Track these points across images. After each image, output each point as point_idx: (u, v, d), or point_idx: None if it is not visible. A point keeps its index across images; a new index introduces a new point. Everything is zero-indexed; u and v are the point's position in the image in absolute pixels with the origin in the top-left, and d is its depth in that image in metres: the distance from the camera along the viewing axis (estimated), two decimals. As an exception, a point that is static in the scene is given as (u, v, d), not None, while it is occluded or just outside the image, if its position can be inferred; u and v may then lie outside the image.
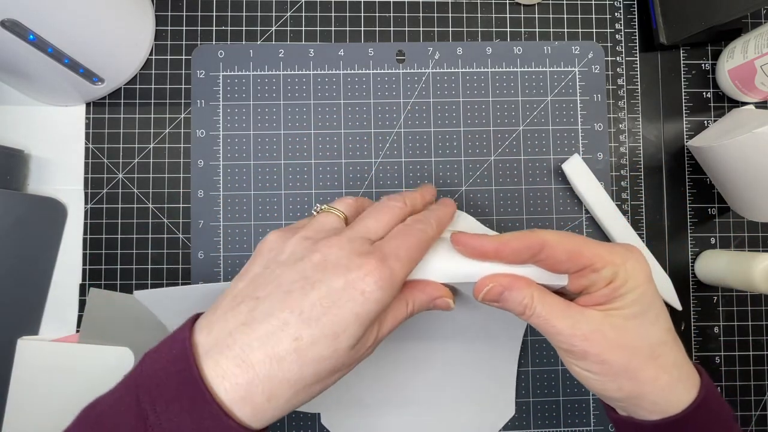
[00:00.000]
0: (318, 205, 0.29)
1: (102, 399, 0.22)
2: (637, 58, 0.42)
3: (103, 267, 0.39)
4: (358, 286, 0.22)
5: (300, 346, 0.21)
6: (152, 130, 0.40)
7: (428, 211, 0.28)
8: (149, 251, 0.39)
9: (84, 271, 0.39)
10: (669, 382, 0.23)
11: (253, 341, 0.21)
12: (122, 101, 0.40)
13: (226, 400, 0.20)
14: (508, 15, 0.42)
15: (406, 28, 0.41)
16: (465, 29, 0.42)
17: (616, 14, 0.42)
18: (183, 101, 0.40)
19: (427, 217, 0.27)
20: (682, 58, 0.42)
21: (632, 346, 0.23)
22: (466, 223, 0.32)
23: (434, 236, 0.26)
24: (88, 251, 0.39)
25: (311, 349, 0.21)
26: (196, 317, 0.23)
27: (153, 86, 0.40)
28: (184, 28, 0.41)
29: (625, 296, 0.23)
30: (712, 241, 0.41)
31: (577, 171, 0.39)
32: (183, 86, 0.40)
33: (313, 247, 0.23)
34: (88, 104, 0.40)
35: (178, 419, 0.20)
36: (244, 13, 0.41)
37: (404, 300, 0.25)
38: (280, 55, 0.41)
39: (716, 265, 0.39)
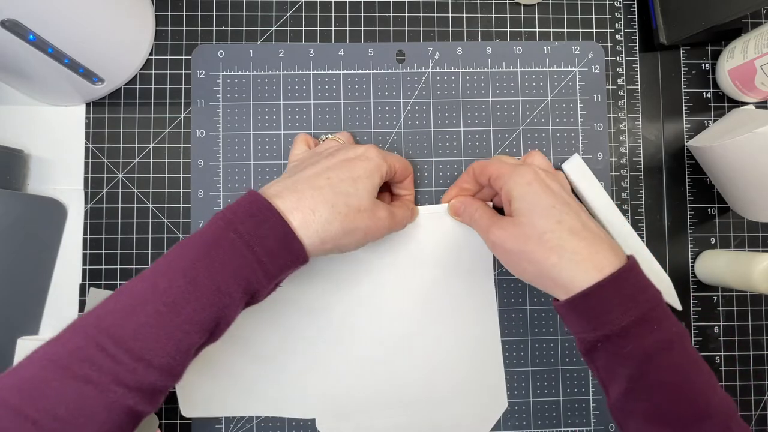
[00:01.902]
0: (324, 135, 0.39)
1: (197, 236, 0.29)
2: (637, 58, 0.42)
3: (103, 267, 0.39)
4: (364, 153, 0.33)
5: (332, 182, 0.31)
6: (152, 130, 0.40)
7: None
8: (149, 251, 0.39)
9: (84, 271, 0.39)
10: (560, 262, 0.29)
11: (300, 182, 0.31)
12: (122, 101, 0.40)
13: (284, 209, 0.29)
14: (508, 15, 0.42)
15: (406, 28, 0.41)
16: (465, 29, 0.42)
17: (616, 14, 0.42)
18: (183, 101, 0.40)
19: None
20: (682, 58, 0.42)
21: (524, 234, 0.31)
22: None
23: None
24: (88, 251, 0.39)
25: (339, 184, 0.31)
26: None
27: (153, 86, 0.40)
28: (184, 28, 0.41)
29: (514, 200, 0.32)
30: (712, 241, 0.41)
31: (578, 171, 0.39)
32: (183, 86, 0.40)
33: (327, 146, 0.35)
34: (88, 104, 0.40)
35: (261, 230, 0.28)
36: (244, 13, 0.41)
37: (403, 204, 0.37)
38: (280, 55, 0.41)
39: (716, 265, 0.39)
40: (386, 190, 0.39)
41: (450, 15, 0.42)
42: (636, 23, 0.42)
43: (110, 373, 0.24)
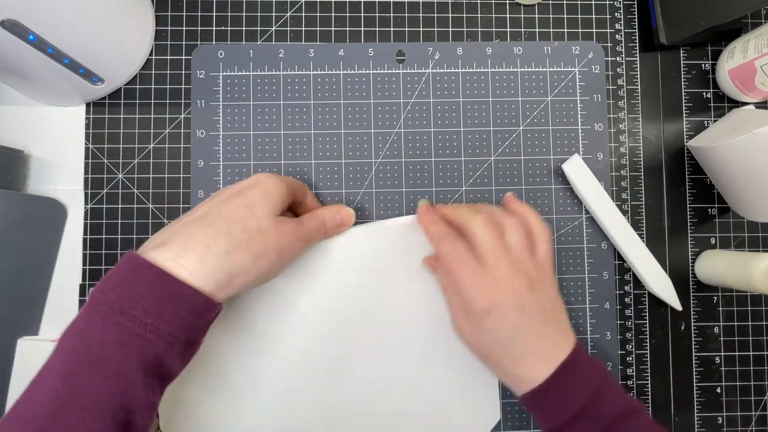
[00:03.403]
0: None
1: (84, 338, 0.25)
2: (637, 58, 0.42)
3: (103, 267, 0.39)
4: (257, 180, 0.31)
5: (224, 214, 0.29)
6: (152, 130, 0.40)
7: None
8: (149, 251, 0.39)
9: (84, 271, 0.39)
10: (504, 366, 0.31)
11: (188, 224, 0.28)
12: (122, 101, 0.40)
13: (166, 258, 0.26)
14: (508, 15, 0.42)
15: (406, 28, 0.41)
16: (465, 29, 0.42)
17: (616, 14, 0.42)
18: (183, 101, 0.40)
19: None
20: (682, 58, 0.42)
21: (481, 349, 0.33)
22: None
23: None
24: (88, 251, 0.39)
25: (233, 214, 0.29)
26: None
27: (153, 86, 0.40)
28: (184, 28, 0.41)
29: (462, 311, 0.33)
30: (712, 241, 0.41)
31: (577, 171, 0.39)
32: (183, 86, 0.40)
33: (221, 192, 0.32)
34: (88, 104, 0.40)
35: (148, 300, 0.25)
36: (244, 13, 0.41)
37: (316, 213, 0.35)
38: (280, 55, 0.41)
39: (716, 265, 0.39)
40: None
41: (450, 15, 0.42)
42: (636, 23, 0.42)
43: None
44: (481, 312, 0.30)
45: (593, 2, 0.42)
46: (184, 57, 0.40)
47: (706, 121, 0.42)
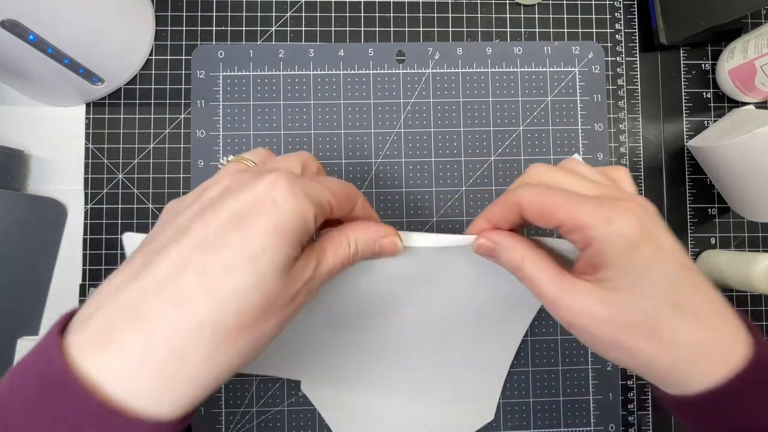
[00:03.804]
0: (226, 156, 0.25)
1: None
2: (637, 58, 0.42)
3: (103, 267, 0.39)
4: (268, 196, 0.18)
5: (208, 279, 0.17)
6: (152, 131, 0.40)
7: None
8: (149, 251, 0.39)
9: (84, 271, 0.39)
10: (671, 359, 0.21)
11: (146, 292, 0.17)
12: (122, 101, 0.40)
13: (120, 391, 0.16)
14: (508, 15, 0.42)
15: (406, 28, 0.41)
16: (465, 29, 0.42)
17: (616, 14, 0.42)
18: (183, 101, 0.40)
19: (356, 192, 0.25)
20: (682, 58, 0.42)
21: (620, 320, 0.21)
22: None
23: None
24: (88, 251, 0.39)
25: (224, 280, 0.17)
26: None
27: (153, 86, 0.40)
28: (184, 28, 0.41)
29: (608, 266, 0.21)
30: (712, 241, 0.41)
31: None
32: (183, 86, 0.40)
33: (213, 183, 0.21)
34: (88, 104, 0.40)
35: None
36: (244, 13, 0.41)
37: (344, 235, 0.23)
38: (280, 55, 0.41)
39: (716, 265, 0.39)
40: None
41: (450, 15, 0.42)
42: (636, 23, 0.42)
43: None
44: (668, 276, 0.21)
45: (593, 2, 0.42)
46: (184, 57, 0.40)
47: (706, 121, 0.42)
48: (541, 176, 0.24)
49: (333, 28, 0.41)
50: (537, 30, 0.42)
